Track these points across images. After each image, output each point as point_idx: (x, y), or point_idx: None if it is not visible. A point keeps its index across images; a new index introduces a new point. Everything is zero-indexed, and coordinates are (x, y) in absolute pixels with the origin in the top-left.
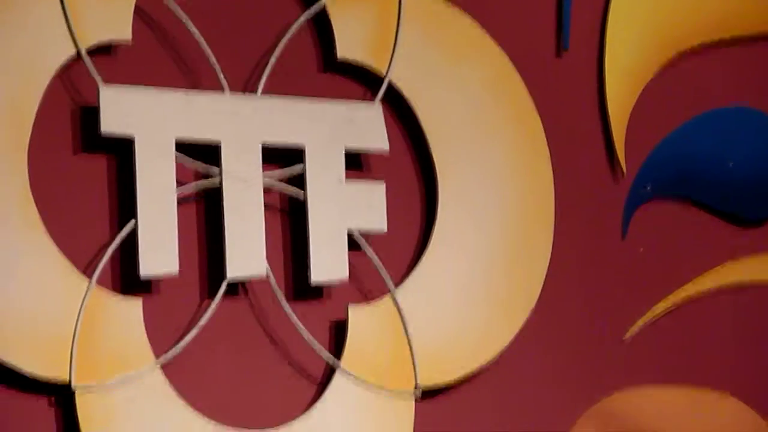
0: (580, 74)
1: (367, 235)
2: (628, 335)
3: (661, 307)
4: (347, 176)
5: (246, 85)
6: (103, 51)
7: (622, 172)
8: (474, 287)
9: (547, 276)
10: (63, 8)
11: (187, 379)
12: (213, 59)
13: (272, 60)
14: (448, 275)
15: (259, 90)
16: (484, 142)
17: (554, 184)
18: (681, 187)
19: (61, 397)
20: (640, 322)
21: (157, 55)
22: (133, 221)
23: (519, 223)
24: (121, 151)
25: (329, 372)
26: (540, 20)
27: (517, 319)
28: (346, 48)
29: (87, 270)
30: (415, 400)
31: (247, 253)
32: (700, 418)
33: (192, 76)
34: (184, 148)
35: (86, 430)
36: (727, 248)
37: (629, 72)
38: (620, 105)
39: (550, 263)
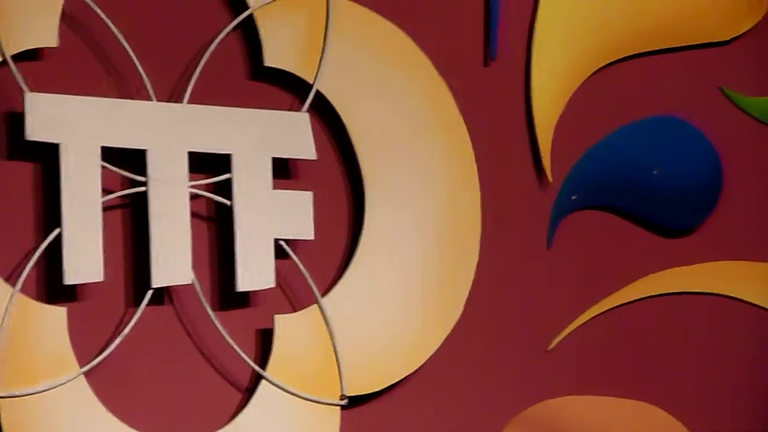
0: (507, 83)
1: (294, 243)
2: (552, 345)
3: (585, 317)
4: (275, 184)
5: (173, 93)
6: (29, 57)
7: (548, 181)
8: (401, 296)
9: (473, 285)
10: None
11: (112, 388)
12: (140, 67)
13: (199, 68)
14: (375, 284)
15: (186, 98)
16: (411, 151)
17: (481, 192)
18: (607, 196)
19: None
20: (565, 332)
21: (84, 62)
22: (58, 229)
23: (446, 232)
24: (47, 158)
25: (255, 381)
26: (468, 30)
27: (444, 327)
28: (274, 56)
29: (11, 278)
30: (342, 408)
31: (173, 260)
32: (623, 428)
33: (119, 83)
34: (110, 155)
35: None
36: (652, 258)
37: (556, 81)
38: (547, 114)
39: (476, 272)
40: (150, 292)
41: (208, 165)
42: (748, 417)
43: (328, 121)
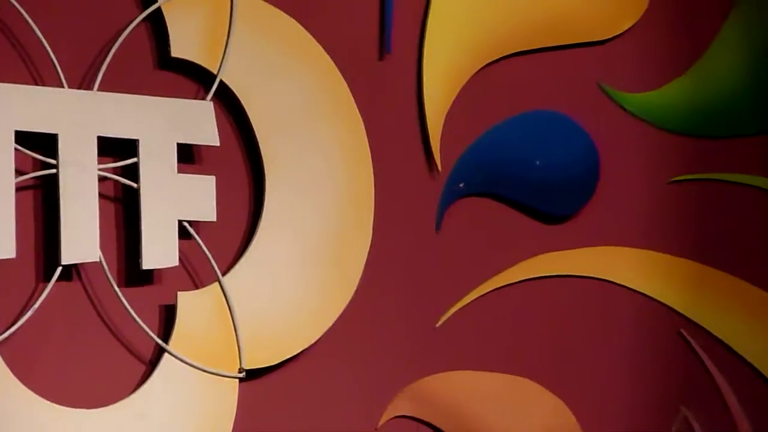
0: (400, 77)
1: (197, 225)
2: (440, 322)
3: (471, 297)
4: (179, 169)
5: (83, 81)
6: None
7: (438, 170)
8: (298, 275)
9: (366, 265)
10: None
11: (22, 360)
12: (52, 55)
13: (109, 57)
14: (273, 263)
15: (96, 85)
16: (309, 139)
17: (374, 179)
18: (492, 185)
19: None
20: (452, 310)
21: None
22: None
23: (340, 216)
24: None
25: (158, 354)
26: (364, 25)
27: (338, 304)
28: (180, 47)
29: None
30: (240, 381)
31: (81, 239)
32: (503, 399)
33: (32, 71)
34: (23, 139)
35: None
36: (533, 243)
37: (446, 76)
38: (437, 107)
39: (369, 253)
40: (59, 269)
41: (116, 149)
42: (618, 388)
43: (231, 109)
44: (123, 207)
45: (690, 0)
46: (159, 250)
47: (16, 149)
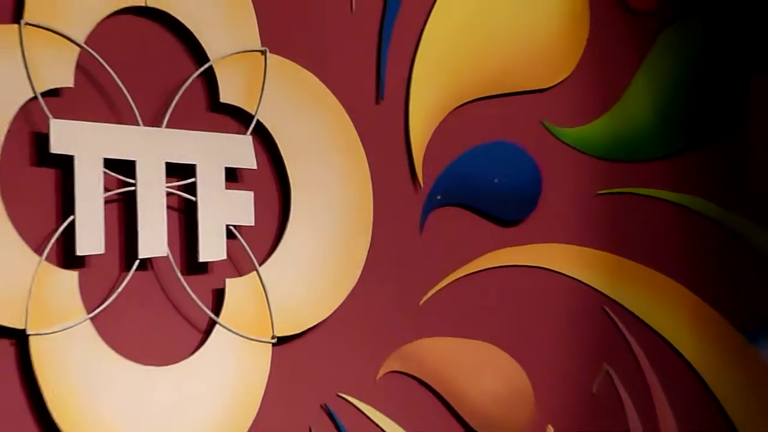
0: (392, 117)
1: (239, 228)
2: (422, 301)
3: (445, 282)
4: (226, 186)
5: (154, 120)
6: (52, 94)
7: (420, 186)
8: (316, 265)
9: (367, 259)
10: (26, 68)
11: (110, 329)
12: (131, 100)
13: (174, 102)
14: (297, 257)
15: (164, 124)
16: (324, 163)
17: (373, 193)
18: (462, 197)
19: (17, 339)
20: (431, 292)
21: (91, 97)
22: (72, 216)
23: (348, 221)
24: (65, 166)
25: (211, 326)
26: (365, 78)
27: (346, 288)
28: (227, 94)
29: (38, 250)
30: (272, 345)
31: (153, 238)
32: (472, 359)
33: (116, 112)
34: (110, 164)
35: (36, 363)
36: (492, 241)
37: (426, 116)
38: (420, 139)
39: (369, 249)
40: (137, 261)
41: (179, 172)
42: (557, 350)
43: (265, 141)
44: (185, 215)
45: (609, 58)
46: (211, 247)
47: (104, 172)
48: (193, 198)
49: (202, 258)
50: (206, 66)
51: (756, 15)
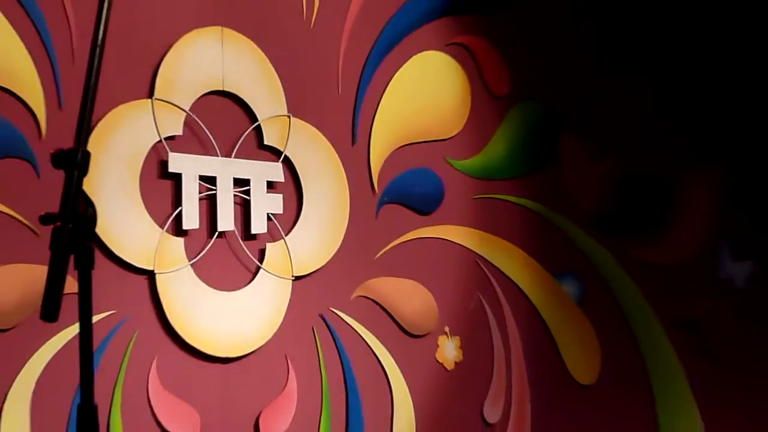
0: (360, 153)
1: (274, 215)
2: (379, 254)
3: (389, 246)
4: (267, 191)
5: (227, 153)
6: (169, 138)
7: (376, 192)
8: (316, 237)
9: (345, 232)
10: (155, 124)
11: (200, 270)
12: (214, 142)
13: (238, 143)
14: (306, 232)
15: (233, 155)
16: (321, 180)
17: (349, 196)
18: (399, 198)
19: (149, 276)
20: (381, 251)
21: (192, 139)
22: (180, 207)
23: (335, 211)
24: (177, 179)
25: (257, 270)
26: (345, 131)
27: (332, 249)
28: (268, 139)
29: (162, 225)
30: (292, 281)
31: (226, 220)
32: (406, 289)
33: (206, 148)
34: (202, 179)
35: (160, 289)
36: (412, 224)
37: (380, 153)
38: (376, 165)
39: (346, 228)
40: (216, 233)
41: (241, 183)
42: (449, 283)
43: (289, 166)
44: (243, 207)
45: (481, 122)
46: (258, 225)
47: (199, 182)
48: (248, 198)
49: (253, 231)
50: (256, 124)
51: (562, 100)
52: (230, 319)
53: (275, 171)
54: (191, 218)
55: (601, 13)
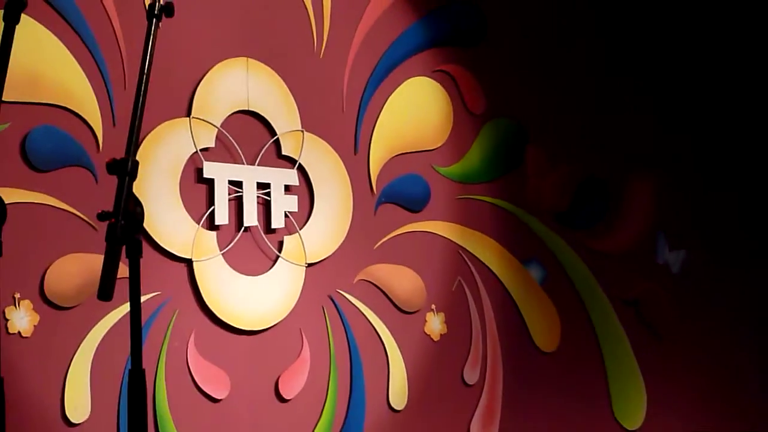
0: (361, 161)
1: (290, 212)
2: (377, 245)
3: (385, 238)
4: (285, 192)
5: (252, 162)
6: (204, 150)
7: (375, 193)
8: (325, 231)
9: (349, 227)
10: (192, 138)
11: (230, 259)
12: (240, 152)
13: (261, 154)
14: (317, 227)
15: (257, 163)
16: (330, 184)
17: (352, 197)
18: (393, 199)
19: (187, 263)
20: (380, 242)
21: (223, 150)
22: (212, 207)
23: (341, 210)
24: (210, 183)
25: (276, 258)
26: (349, 142)
27: (338, 241)
28: (286, 150)
29: (198, 221)
30: (306, 267)
31: (250, 217)
32: (400, 274)
33: (234, 157)
34: (230, 183)
35: (197, 275)
36: (407, 219)
37: (378, 161)
38: (375, 171)
39: (350, 223)
40: (243, 228)
41: (263, 186)
42: (435, 269)
43: (303, 173)
44: (264, 207)
45: (461, 135)
46: (277, 221)
47: (228, 186)
48: (269, 198)
49: (273, 226)
50: (275, 137)
51: (528, 117)
52: (254, 299)
53: (291, 176)
54: (222, 215)
55: (560, 42)
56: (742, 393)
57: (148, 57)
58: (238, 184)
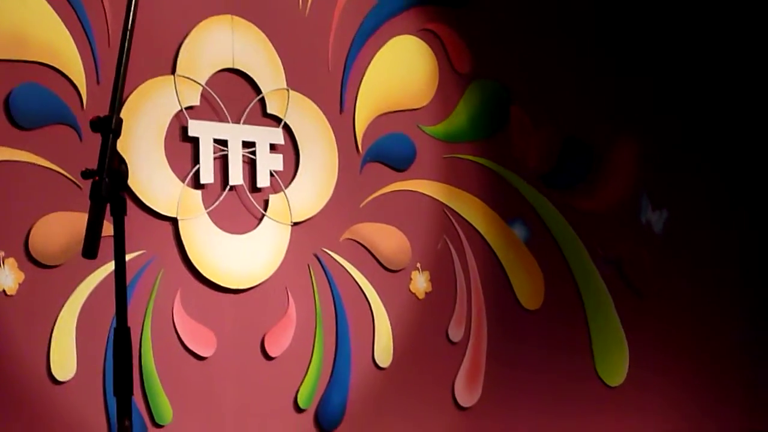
0: (347, 120)
1: (276, 171)
2: (363, 204)
3: (372, 196)
4: (270, 152)
5: (237, 120)
6: (189, 108)
7: (360, 152)
8: (311, 189)
9: (335, 186)
10: (177, 96)
11: (215, 217)
12: (225, 111)
13: (246, 112)
14: (303, 185)
15: (242, 121)
16: (315, 142)
17: (338, 156)
18: (379, 157)
19: (172, 222)
20: (365, 201)
21: (208, 108)
22: (198, 164)
23: (326, 168)
24: (195, 142)
25: (262, 217)
26: (334, 101)
27: (324, 200)
28: (271, 109)
29: (183, 179)
30: (291, 226)
31: (235, 175)
32: (382, 233)
33: (219, 115)
34: (216, 142)
35: (182, 233)
36: (393, 178)
37: (363, 120)
38: (360, 130)
39: (336, 181)
40: (228, 186)
41: (249, 145)
42: (421, 229)
43: (288, 131)
44: (250, 165)
45: (446, 94)
46: (263, 179)
47: (213, 144)
48: (254, 157)
49: (258, 185)
50: (260, 96)
51: (513, 78)
52: (240, 258)
53: (277, 135)
54: (207, 174)
55: (546, 3)
56: (722, 351)
57: (131, 14)
58: (223, 143)
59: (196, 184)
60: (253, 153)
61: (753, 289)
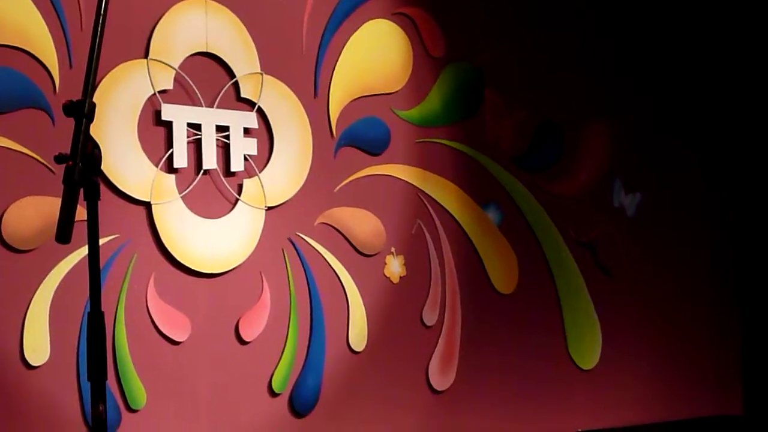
0: (321, 105)
1: (250, 155)
2: (337, 188)
3: (346, 180)
4: (244, 135)
5: (210, 104)
6: (162, 92)
7: (334, 136)
8: (285, 174)
9: (309, 170)
10: (150, 80)
11: (189, 202)
12: (199, 95)
13: (219, 96)
14: (277, 170)
15: (215, 106)
16: (289, 127)
17: (312, 140)
18: (352, 142)
19: (146, 206)
20: (339, 185)
21: (181, 92)
22: (171, 149)
23: (301, 153)
24: (168, 125)
25: (236, 201)
26: (309, 86)
27: (298, 185)
28: (245, 93)
29: (156, 164)
30: (265, 210)
31: (209, 159)
32: (357, 217)
33: (192, 99)
34: (189, 126)
35: (156, 217)
36: (366, 163)
37: (337, 104)
38: (334, 115)
39: (310, 166)
40: (202, 170)
41: (222, 129)
42: (396, 213)
43: (262, 115)
44: (224, 149)
45: (420, 79)
46: (237, 164)
47: (187, 129)
48: (228, 141)
49: (232, 169)
50: (234, 80)
51: (487, 62)
52: (214, 242)
53: (250, 119)
54: (181, 158)
55: None
56: (694, 333)
57: None
58: (196, 127)
59: (170, 168)
60: (227, 137)
61: (724, 271)
